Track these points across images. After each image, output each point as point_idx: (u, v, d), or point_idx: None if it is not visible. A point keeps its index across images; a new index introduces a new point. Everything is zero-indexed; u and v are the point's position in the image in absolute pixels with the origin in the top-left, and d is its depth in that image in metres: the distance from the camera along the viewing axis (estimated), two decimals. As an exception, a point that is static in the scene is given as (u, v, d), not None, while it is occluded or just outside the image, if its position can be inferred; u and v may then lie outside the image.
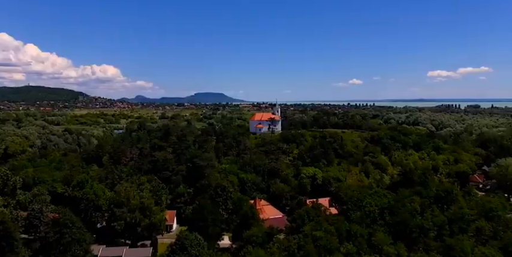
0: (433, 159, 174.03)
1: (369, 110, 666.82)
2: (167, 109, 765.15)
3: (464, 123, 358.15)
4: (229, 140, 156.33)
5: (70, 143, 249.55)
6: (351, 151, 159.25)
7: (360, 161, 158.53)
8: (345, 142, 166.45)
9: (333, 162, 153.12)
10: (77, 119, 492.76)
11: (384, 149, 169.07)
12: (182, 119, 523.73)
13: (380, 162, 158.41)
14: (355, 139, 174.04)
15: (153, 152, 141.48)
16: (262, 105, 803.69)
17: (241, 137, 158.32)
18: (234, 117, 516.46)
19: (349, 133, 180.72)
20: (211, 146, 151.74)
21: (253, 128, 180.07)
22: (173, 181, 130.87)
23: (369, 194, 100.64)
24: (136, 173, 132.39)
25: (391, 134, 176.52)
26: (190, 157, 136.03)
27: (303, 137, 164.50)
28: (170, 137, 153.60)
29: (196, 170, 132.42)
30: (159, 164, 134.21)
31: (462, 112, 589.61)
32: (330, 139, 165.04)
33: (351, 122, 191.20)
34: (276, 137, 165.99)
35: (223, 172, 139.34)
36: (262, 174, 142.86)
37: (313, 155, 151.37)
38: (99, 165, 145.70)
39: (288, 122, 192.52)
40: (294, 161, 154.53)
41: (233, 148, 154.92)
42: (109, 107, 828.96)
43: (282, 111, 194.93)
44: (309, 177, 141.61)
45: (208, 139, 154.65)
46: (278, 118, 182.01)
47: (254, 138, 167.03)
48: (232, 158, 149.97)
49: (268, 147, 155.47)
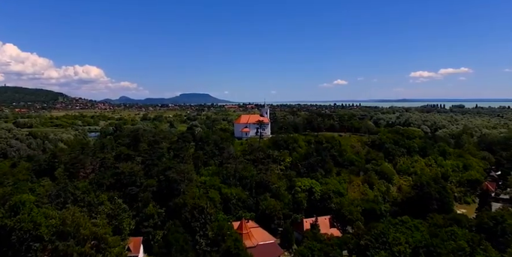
0: (440, 165, 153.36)
1: (356, 110, 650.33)
2: (150, 110, 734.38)
3: (458, 124, 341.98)
4: (210, 146, 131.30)
5: (34, 149, 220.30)
6: (351, 158, 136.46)
7: (362, 169, 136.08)
8: (343, 147, 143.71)
9: (331, 172, 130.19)
10: (52, 121, 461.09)
11: (388, 155, 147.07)
12: (165, 120, 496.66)
13: (384, 170, 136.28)
14: (355, 144, 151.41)
15: (117, 163, 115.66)
16: (249, 106, 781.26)
17: (224, 143, 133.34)
18: (219, 118, 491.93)
19: (347, 136, 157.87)
20: (189, 154, 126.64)
21: (239, 132, 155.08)
22: (141, 199, 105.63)
23: (393, 224, 76.79)
24: (96, 190, 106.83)
25: (394, 138, 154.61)
26: (163, 169, 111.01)
27: (296, 143, 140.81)
28: (140, 144, 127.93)
29: (169, 185, 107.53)
30: (124, 178, 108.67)
31: (449, 112, 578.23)
32: (327, 144, 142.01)
33: (348, 125, 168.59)
34: (265, 142, 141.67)
35: (203, 186, 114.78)
36: (250, 188, 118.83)
37: (309, 164, 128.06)
38: (52, 178, 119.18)
39: (277, 125, 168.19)
40: (286, 171, 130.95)
41: (215, 157, 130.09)
42: (90, 108, 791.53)
43: (270, 112, 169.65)
44: (305, 191, 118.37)
45: (186, 146, 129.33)
46: (267, 121, 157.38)
47: (240, 144, 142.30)
48: (214, 168, 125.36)
49: (257, 155, 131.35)
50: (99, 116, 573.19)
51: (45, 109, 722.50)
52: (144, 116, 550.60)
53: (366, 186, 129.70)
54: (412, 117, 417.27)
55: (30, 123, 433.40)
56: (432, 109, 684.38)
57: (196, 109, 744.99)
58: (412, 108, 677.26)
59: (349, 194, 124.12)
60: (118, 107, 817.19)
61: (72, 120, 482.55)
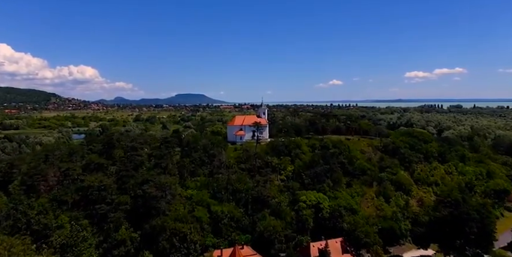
0: (461, 173, 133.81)
1: (353, 110, 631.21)
2: (144, 111, 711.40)
3: (464, 124, 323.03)
4: (199, 153, 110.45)
5: (8, 153, 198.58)
6: (362, 166, 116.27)
7: (375, 179, 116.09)
8: (353, 153, 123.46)
9: (340, 182, 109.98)
10: (40, 123, 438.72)
11: (403, 162, 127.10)
12: (158, 121, 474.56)
13: (401, 180, 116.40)
14: (365, 149, 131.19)
15: (85, 175, 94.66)
16: (244, 107, 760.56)
17: (215, 149, 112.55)
18: (213, 119, 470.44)
19: (356, 140, 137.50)
20: (173, 162, 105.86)
21: (232, 135, 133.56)
22: (111, 220, 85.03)
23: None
24: (56, 209, 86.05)
25: (409, 142, 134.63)
26: (140, 182, 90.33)
27: (299, 148, 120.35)
28: (115, 151, 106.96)
29: (146, 203, 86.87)
30: (91, 194, 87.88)
31: (447, 112, 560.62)
32: (334, 149, 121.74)
33: (355, 126, 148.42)
34: (262, 148, 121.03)
35: (188, 202, 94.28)
36: (245, 203, 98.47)
37: (315, 174, 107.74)
38: (7, 193, 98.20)
39: (276, 127, 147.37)
40: (288, 181, 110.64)
41: (204, 165, 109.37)
42: (83, 109, 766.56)
43: (269, 113, 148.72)
44: (311, 207, 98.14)
45: (170, 153, 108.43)
46: (265, 122, 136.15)
47: (233, 149, 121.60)
48: (202, 179, 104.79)
49: (253, 162, 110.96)
50: (91, 117, 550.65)
51: (37, 110, 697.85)
52: (137, 117, 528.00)
53: (381, 199, 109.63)
54: (413, 117, 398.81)
55: (16, 124, 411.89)
56: (430, 109, 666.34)
57: (191, 110, 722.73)
58: (411, 109, 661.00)
59: (362, 209, 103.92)
60: (111, 108, 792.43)
61: (61, 121, 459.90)
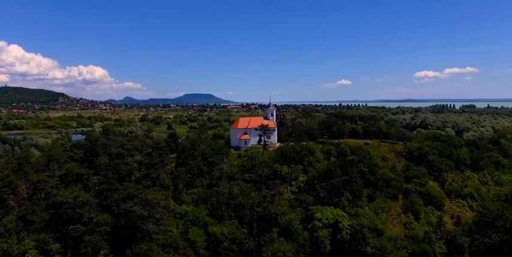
0: (498, 183, 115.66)
1: (363, 110, 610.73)
2: (151, 111, 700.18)
3: (483, 125, 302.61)
4: (197, 161, 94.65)
5: (0, 156, 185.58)
6: (386, 176, 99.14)
7: (401, 192, 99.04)
8: (374, 160, 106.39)
9: (361, 196, 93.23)
10: (44, 123, 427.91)
11: (432, 171, 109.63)
12: (163, 121, 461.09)
13: (431, 193, 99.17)
14: (388, 156, 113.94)
15: (60, 188, 79.33)
16: (252, 106, 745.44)
17: (215, 157, 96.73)
18: (220, 119, 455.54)
19: (376, 145, 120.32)
20: (166, 172, 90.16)
21: (236, 140, 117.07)
22: (88, 244, 69.60)
23: None
24: (21, 230, 71.03)
25: (437, 147, 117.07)
26: (123, 198, 74.72)
27: (312, 155, 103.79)
28: (99, 159, 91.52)
29: (130, 224, 71.28)
30: (64, 212, 72.57)
31: (461, 112, 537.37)
32: (353, 156, 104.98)
33: (374, 129, 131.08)
34: (270, 154, 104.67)
35: (182, 221, 78.53)
36: (249, 222, 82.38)
37: (332, 186, 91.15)
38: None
39: (286, 130, 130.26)
40: (299, 194, 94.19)
41: (202, 175, 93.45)
42: (90, 108, 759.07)
43: (277, 114, 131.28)
44: (328, 226, 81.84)
45: (163, 161, 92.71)
46: (273, 125, 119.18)
47: (237, 156, 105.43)
48: (200, 191, 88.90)
49: (259, 172, 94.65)
50: (97, 117, 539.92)
51: (44, 110, 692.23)
52: (143, 117, 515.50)
53: (409, 216, 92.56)
54: (428, 118, 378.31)
55: (20, 124, 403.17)
56: (443, 109, 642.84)
57: (199, 110, 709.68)
58: (423, 109, 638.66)
59: (388, 228, 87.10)
60: (119, 108, 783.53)
61: (66, 121, 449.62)
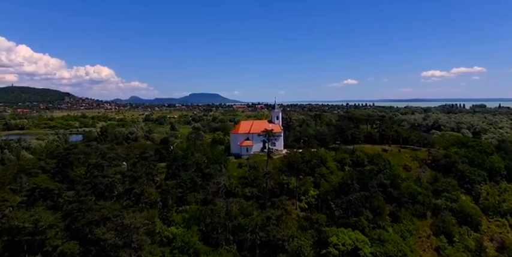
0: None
1: (370, 110, 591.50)
2: (156, 110, 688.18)
3: (502, 127, 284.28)
4: (190, 172, 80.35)
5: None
6: (412, 190, 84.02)
7: (429, 208, 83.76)
8: (396, 170, 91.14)
9: (383, 214, 78.17)
10: (46, 123, 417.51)
11: (463, 183, 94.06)
12: (167, 121, 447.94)
13: (465, 210, 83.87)
14: (410, 164, 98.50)
15: (23, 207, 65.36)
16: (258, 106, 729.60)
17: (212, 167, 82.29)
18: (225, 119, 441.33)
19: (395, 151, 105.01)
20: (153, 186, 75.89)
21: (236, 147, 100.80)
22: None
23: None
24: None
25: (466, 155, 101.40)
26: (96, 221, 60.57)
27: (324, 164, 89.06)
28: (74, 171, 77.39)
29: (101, 254, 57.10)
30: (21, 239, 58.65)
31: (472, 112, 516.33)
32: (371, 165, 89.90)
33: (392, 133, 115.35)
34: (275, 163, 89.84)
35: (168, 248, 64.20)
36: (251, 247, 67.81)
37: (349, 203, 76.17)
38: None
39: (293, 135, 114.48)
40: (311, 212, 79.41)
41: (196, 190, 79.02)
42: (95, 108, 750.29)
43: (283, 117, 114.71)
44: (346, 253, 66.98)
45: (150, 172, 78.39)
46: (279, 130, 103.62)
47: (237, 165, 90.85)
48: (192, 209, 74.47)
49: (263, 185, 79.96)
50: (100, 116, 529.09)
51: (49, 109, 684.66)
52: (147, 117, 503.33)
53: (442, 239, 77.33)
54: (440, 118, 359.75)
55: (22, 124, 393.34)
56: (453, 109, 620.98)
57: (204, 109, 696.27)
58: (432, 108, 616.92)
59: (416, 255, 71.99)
60: (124, 107, 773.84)
61: (68, 121, 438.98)
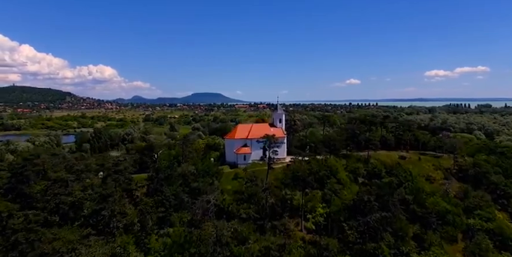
0: None
1: (374, 110, 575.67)
2: (157, 110, 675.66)
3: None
4: (174, 187, 66.49)
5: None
6: (439, 208, 69.90)
7: (460, 229, 69.46)
8: (419, 183, 76.81)
9: (407, 238, 63.90)
10: (43, 123, 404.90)
11: (497, 197, 79.72)
12: (166, 122, 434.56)
13: (505, 232, 69.47)
14: (433, 175, 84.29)
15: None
16: (260, 106, 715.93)
17: (202, 180, 68.23)
18: (227, 119, 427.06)
19: (415, 159, 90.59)
20: (127, 206, 61.93)
21: (232, 154, 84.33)
22: None
23: None
24: None
25: (498, 163, 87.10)
26: (47, 254, 46.58)
27: (334, 176, 74.96)
28: (32, 186, 63.02)
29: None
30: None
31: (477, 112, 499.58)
32: (389, 177, 75.71)
33: (410, 138, 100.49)
34: (277, 175, 75.74)
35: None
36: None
37: (366, 225, 61.97)
38: None
39: (298, 140, 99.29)
40: (319, 235, 65.26)
41: (182, 208, 65.08)
42: (96, 108, 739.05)
43: (287, 119, 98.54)
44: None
45: (123, 190, 64.38)
46: (282, 135, 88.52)
47: (233, 177, 76.38)
48: (176, 233, 60.50)
49: (262, 201, 66.01)
50: (100, 116, 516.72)
51: (49, 109, 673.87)
52: (147, 117, 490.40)
53: (480, 270, 63.11)
54: (449, 119, 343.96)
55: (18, 125, 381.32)
56: (458, 109, 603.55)
57: (206, 109, 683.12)
58: (437, 108, 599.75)
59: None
60: (125, 107, 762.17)
61: (67, 121, 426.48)
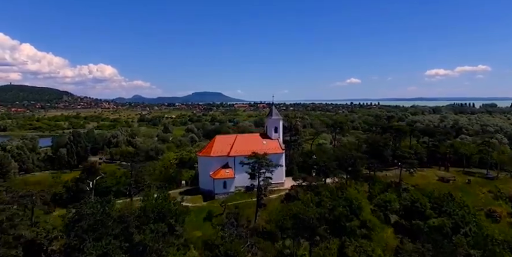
0: None
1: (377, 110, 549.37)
2: (155, 110, 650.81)
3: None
4: (106, 242, 40.75)
5: None
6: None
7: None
8: (484, 228, 50.96)
9: None
10: (31, 124, 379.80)
11: None
12: (161, 123, 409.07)
13: None
14: (498, 210, 58.27)
15: None
16: (260, 105, 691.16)
17: (149, 229, 42.24)
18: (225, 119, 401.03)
19: (461, 181, 63.67)
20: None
21: (207, 180, 58.37)
22: None
23: None
24: None
25: None
26: None
27: (358, 217, 49.13)
28: None
29: None
30: None
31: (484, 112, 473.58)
32: (440, 217, 49.88)
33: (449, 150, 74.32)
34: (271, 213, 48.77)
35: None
36: None
37: None
38: None
39: (300, 154, 71.44)
40: None
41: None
42: (93, 107, 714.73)
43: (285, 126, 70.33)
44: None
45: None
46: (279, 150, 60.99)
47: (205, 215, 49.58)
48: None
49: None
50: (94, 116, 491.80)
51: (44, 108, 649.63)
52: (142, 117, 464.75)
53: None
54: (460, 120, 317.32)
55: (4, 125, 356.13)
56: (463, 108, 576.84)
57: (204, 108, 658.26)
58: (441, 108, 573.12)
59: None
60: (122, 107, 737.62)
61: (57, 122, 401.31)
